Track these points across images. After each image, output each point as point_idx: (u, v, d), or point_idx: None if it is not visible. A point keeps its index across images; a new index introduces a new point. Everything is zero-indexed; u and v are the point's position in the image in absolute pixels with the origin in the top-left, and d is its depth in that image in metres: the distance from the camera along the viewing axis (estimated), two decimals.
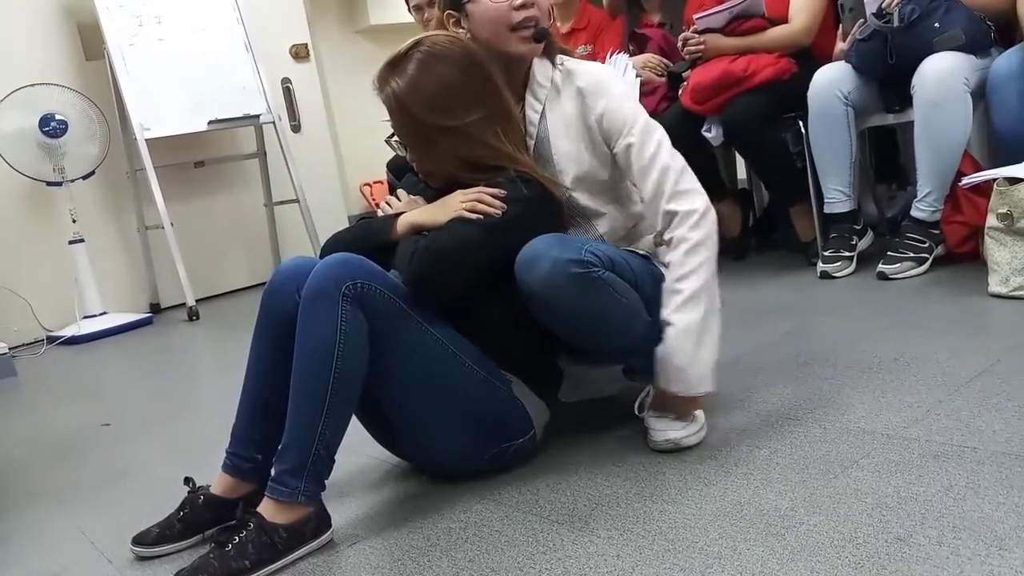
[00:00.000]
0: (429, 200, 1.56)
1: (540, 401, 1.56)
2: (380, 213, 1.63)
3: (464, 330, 1.48)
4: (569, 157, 1.59)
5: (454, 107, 1.45)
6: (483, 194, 1.44)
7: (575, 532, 1.29)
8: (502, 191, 1.44)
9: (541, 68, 1.62)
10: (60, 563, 1.51)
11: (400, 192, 1.63)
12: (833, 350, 1.94)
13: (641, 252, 1.58)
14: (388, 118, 1.53)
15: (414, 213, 1.52)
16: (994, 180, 2.14)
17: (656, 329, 1.48)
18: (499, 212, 1.42)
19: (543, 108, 1.60)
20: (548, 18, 1.60)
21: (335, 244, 1.52)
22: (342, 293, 1.34)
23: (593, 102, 1.58)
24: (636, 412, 1.58)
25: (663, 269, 1.52)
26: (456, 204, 1.45)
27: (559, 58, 1.63)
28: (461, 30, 1.59)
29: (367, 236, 1.53)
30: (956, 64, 2.33)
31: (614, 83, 1.61)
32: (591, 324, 1.45)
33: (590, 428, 1.69)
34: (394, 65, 1.47)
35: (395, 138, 1.55)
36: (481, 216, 1.42)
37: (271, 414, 1.42)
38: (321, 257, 1.45)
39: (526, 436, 1.53)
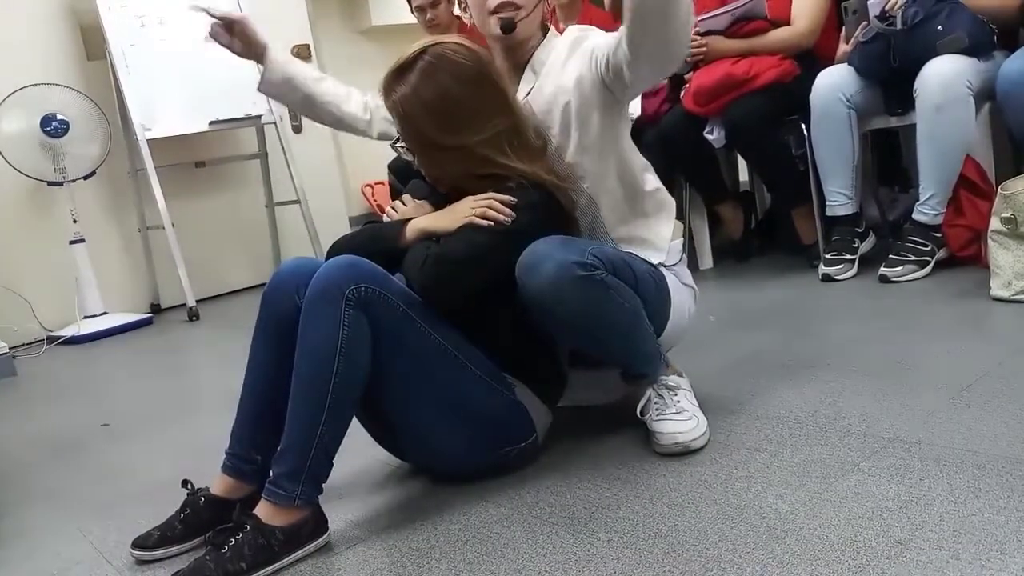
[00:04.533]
0: (436, 205, 1.55)
1: (543, 405, 1.56)
2: (386, 218, 1.61)
3: (468, 333, 1.47)
4: (564, 90, 1.55)
5: (460, 125, 1.44)
6: (493, 200, 1.43)
7: (575, 535, 1.28)
8: (512, 198, 1.43)
9: (544, 49, 1.62)
10: (59, 563, 1.50)
11: (406, 197, 1.62)
12: (834, 353, 1.94)
13: (652, 262, 1.58)
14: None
15: (424, 219, 1.50)
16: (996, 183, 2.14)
17: (655, 334, 1.47)
18: (509, 219, 1.42)
19: (535, 83, 1.60)
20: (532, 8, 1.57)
21: (343, 249, 1.50)
22: (346, 297, 1.33)
23: (585, 35, 1.59)
24: (638, 415, 1.57)
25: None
26: (466, 211, 1.44)
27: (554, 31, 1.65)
28: (466, 14, 1.63)
29: (376, 241, 1.51)
30: (959, 67, 2.33)
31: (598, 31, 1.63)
32: (592, 327, 1.45)
33: (591, 431, 1.68)
34: (400, 72, 1.45)
35: (400, 143, 1.54)
36: (491, 223, 1.42)
37: (271, 415, 1.41)
38: (326, 260, 1.43)
39: (528, 440, 1.53)
